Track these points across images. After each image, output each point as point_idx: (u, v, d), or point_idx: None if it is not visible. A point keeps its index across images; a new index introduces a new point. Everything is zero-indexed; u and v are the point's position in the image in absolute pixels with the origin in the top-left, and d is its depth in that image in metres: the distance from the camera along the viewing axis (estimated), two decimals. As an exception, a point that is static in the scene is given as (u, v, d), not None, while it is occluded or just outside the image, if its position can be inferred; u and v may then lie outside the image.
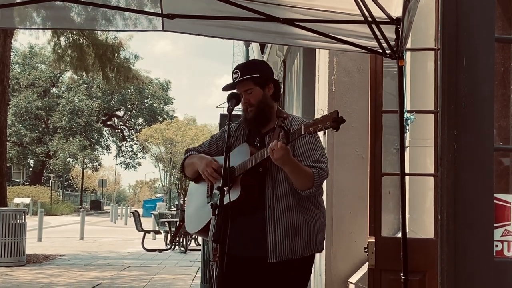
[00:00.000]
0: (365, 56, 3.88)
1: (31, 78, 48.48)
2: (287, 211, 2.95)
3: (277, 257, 2.91)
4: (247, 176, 2.94)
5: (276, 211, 2.94)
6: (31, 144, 49.32)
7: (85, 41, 15.81)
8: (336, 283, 4.40)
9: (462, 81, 2.36)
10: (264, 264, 2.92)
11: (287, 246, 2.92)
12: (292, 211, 2.96)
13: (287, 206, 2.95)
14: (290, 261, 2.93)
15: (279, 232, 2.92)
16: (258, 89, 3.07)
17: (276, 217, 2.93)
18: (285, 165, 2.85)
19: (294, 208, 2.96)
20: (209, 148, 3.29)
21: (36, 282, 8.99)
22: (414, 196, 4.19)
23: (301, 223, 2.97)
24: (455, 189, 2.34)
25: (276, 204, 2.95)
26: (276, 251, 2.91)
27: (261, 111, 3.07)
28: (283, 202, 2.95)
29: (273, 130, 3.07)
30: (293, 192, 2.96)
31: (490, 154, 2.36)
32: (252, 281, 2.98)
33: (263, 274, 2.95)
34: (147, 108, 54.58)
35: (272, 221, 2.93)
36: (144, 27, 3.42)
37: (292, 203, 2.96)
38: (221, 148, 3.21)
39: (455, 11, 2.39)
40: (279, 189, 2.96)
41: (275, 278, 2.95)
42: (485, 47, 2.38)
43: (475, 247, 2.32)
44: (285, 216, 2.94)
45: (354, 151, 4.42)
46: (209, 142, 3.34)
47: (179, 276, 9.68)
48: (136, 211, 16.39)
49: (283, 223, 2.93)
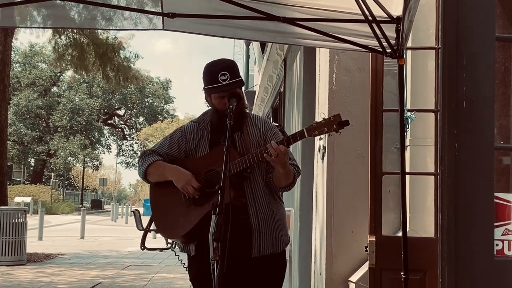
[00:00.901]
0: (366, 55, 3.88)
1: (32, 77, 48.48)
2: (267, 208, 3.04)
3: (260, 251, 2.98)
4: (235, 177, 2.94)
5: (258, 209, 3.01)
6: (31, 143, 49.34)
7: (85, 40, 15.81)
8: (336, 282, 4.40)
9: (463, 80, 2.36)
10: (249, 261, 2.97)
11: (270, 241, 3.01)
12: (271, 207, 3.06)
13: (266, 203, 3.04)
14: (273, 255, 3.02)
15: (263, 229, 3.00)
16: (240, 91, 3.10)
17: (259, 214, 3.01)
18: (284, 166, 2.92)
19: (271, 204, 3.06)
20: (170, 149, 3.17)
21: (37, 281, 9.00)
22: (415, 195, 4.19)
23: (278, 217, 3.08)
24: (455, 188, 2.34)
25: (257, 202, 3.02)
26: (260, 247, 2.99)
27: (242, 112, 3.11)
28: (263, 200, 3.03)
29: (240, 129, 3.09)
30: (268, 189, 3.06)
31: (491, 153, 2.36)
32: (238, 279, 2.98)
33: (248, 270, 2.99)
34: (148, 107, 54.60)
35: (256, 219, 3.00)
36: (145, 26, 3.42)
37: (269, 200, 3.06)
38: (184, 149, 3.14)
39: (456, 10, 2.39)
40: (256, 187, 3.03)
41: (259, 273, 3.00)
42: (486, 46, 2.38)
43: (476, 246, 2.32)
44: (266, 213, 3.03)
45: (355, 150, 4.42)
46: (169, 144, 3.19)
47: (179, 275, 9.68)
48: (137, 210, 16.21)
49: (266, 220, 3.01)
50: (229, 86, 3.03)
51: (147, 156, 3.18)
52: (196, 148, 3.12)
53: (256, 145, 3.07)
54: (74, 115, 49.30)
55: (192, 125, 3.20)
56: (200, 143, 3.12)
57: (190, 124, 3.22)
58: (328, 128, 2.75)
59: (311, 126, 2.81)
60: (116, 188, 76.52)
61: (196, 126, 3.18)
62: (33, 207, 34.45)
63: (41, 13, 3.60)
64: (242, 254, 2.95)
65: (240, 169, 2.93)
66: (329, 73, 4.50)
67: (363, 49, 3.33)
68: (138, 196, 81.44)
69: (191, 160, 3.12)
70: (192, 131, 3.16)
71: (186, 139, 3.16)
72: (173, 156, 3.16)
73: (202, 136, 3.13)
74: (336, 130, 2.74)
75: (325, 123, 2.77)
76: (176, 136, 3.20)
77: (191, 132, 3.16)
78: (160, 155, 3.17)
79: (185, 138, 3.16)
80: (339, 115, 2.76)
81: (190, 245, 3.13)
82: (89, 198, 62.88)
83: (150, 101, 54.69)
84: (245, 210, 2.99)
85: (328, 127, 2.75)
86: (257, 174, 3.04)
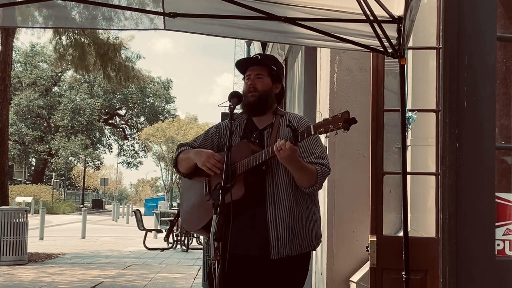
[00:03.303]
0: (367, 54, 3.88)
1: (33, 77, 48.52)
2: (288, 208, 2.95)
3: (279, 253, 2.92)
4: (249, 174, 2.94)
5: (277, 209, 2.94)
6: (32, 143, 49.36)
7: (86, 40, 15.84)
8: (337, 282, 4.40)
9: (464, 79, 2.36)
10: (267, 262, 2.93)
11: (287, 242, 2.93)
12: (293, 208, 2.96)
13: (288, 203, 2.96)
14: (289, 258, 2.94)
15: (281, 229, 2.93)
16: (268, 80, 3.09)
17: (278, 214, 2.94)
18: (291, 164, 2.86)
19: (294, 205, 2.97)
20: (204, 143, 3.23)
21: (38, 280, 9.00)
22: (416, 195, 4.19)
23: (301, 219, 2.98)
24: (456, 188, 2.34)
25: (277, 202, 2.95)
26: (278, 247, 2.92)
27: (262, 100, 3.06)
28: (284, 199, 2.96)
29: (271, 126, 3.07)
30: (293, 189, 2.97)
31: (492, 153, 2.36)
32: (254, 279, 2.97)
33: (265, 271, 2.95)
34: (149, 107, 54.61)
35: (274, 218, 2.93)
36: (146, 26, 3.42)
37: (292, 200, 2.97)
38: (217, 144, 3.19)
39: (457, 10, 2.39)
40: (279, 186, 2.97)
41: (275, 275, 2.95)
42: (487, 45, 2.38)
43: (477, 246, 2.32)
44: (286, 213, 2.95)
45: (356, 150, 4.42)
46: (203, 137, 3.26)
47: (180, 275, 9.68)
48: (138, 210, 16.41)
49: (284, 220, 2.94)
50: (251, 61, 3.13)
51: (179, 147, 3.29)
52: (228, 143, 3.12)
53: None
54: (75, 115, 49.33)
55: (228, 122, 3.22)
56: (231, 139, 3.12)
57: (227, 121, 3.23)
58: (334, 125, 2.65)
59: (319, 123, 2.76)
60: (117, 188, 76.55)
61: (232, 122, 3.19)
62: (34, 207, 34.47)
63: (42, 13, 3.60)
64: (259, 253, 2.92)
65: (254, 165, 2.91)
66: (330, 73, 4.50)
67: (364, 49, 3.33)
68: (139, 196, 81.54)
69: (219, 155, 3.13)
70: (226, 127, 3.15)
71: (220, 134, 3.21)
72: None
73: (236, 131, 3.16)
74: (343, 127, 2.63)
75: (332, 120, 2.68)
76: (211, 131, 3.27)
77: (226, 127, 3.17)
78: (193, 147, 3.23)
79: (219, 133, 3.22)
80: (347, 112, 2.66)
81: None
82: (90, 198, 62.86)
83: (151, 101, 54.71)
84: (263, 208, 2.95)
85: (334, 124, 2.65)
86: (282, 174, 2.97)
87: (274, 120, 3.09)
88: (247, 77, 3.10)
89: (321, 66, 5.01)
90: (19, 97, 47.37)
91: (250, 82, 3.06)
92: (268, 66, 3.11)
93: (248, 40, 16.39)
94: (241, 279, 2.96)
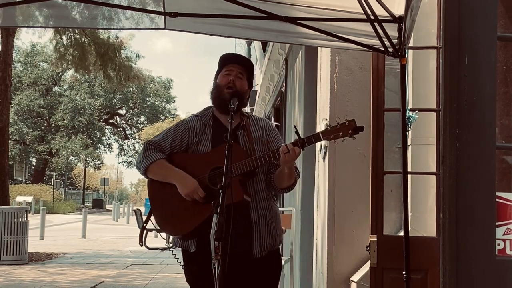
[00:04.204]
0: (367, 54, 3.88)
1: (33, 76, 48.54)
2: (267, 206, 3.09)
3: (261, 252, 3.03)
4: (243, 176, 2.97)
5: (259, 209, 3.05)
6: (33, 142, 49.38)
7: (86, 40, 15.85)
8: (338, 281, 4.40)
9: (464, 79, 2.36)
10: (248, 261, 3.00)
11: (270, 240, 3.06)
12: (270, 206, 3.11)
13: (266, 202, 3.09)
14: (267, 255, 3.05)
15: (263, 228, 3.04)
16: (245, 83, 3.18)
17: (260, 213, 3.05)
18: (290, 167, 2.97)
19: (270, 203, 3.11)
20: (173, 142, 3.14)
21: (38, 280, 9.01)
22: (416, 194, 4.18)
23: (276, 216, 3.15)
24: (457, 187, 2.34)
25: (258, 201, 3.06)
26: (261, 246, 3.03)
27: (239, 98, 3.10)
28: (263, 199, 3.08)
29: (243, 128, 3.13)
30: (267, 189, 3.11)
31: (492, 153, 2.36)
32: (236, 278, 2.98)
33: (246, 270, 3.00)
34: (149, 107, 54.65)
35: (257, 217, 3.04)
36: (147, 25, 3.42)
37: (268, 199, 3.11)
38: (186, 142, 3.13)
39: (457, 9, 2.39)
40: (258, 186, 3.07)
41: (256, 273, 3.04)
42: (487, 45, 2.38)
43: (477, 245, 2.32)
44: (266, 212, 3.07)
45: (356, 150, 4.41)
46: (172, 136, 3.16)
47: (181, 275, 9.67)
48: (138, 210, 16.37)
49: (265, 220, 3.06)
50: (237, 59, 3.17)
51: (150, 151, 3.13)
52: (198, 142, 3.11)
53: (260, 144, 3.11)
54: (75, 115, 49.36)
55: (194, 119, 3.21)
56: (202, 138, 3.12)
57: (192, 118, 3.22)
58: (344, 133, 2.83)
59: (326, 129, 2.89)
60: (117, 187, 76.58)
61: (198, 120, 3.19)
62: (35, 207, 34.47)
63: (42, 12, 3.60)
64: (242, 252, 2.96)
65: (251, 168, 2.95)
66: (331, 72, 4.49)
67: (365, 49, 3.33)
68: (139, 195, 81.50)
69: (194, 156, 3.11)
70: (195, 125, 3.16)
71: (189, 133, 3.16)
72: (175, 149, 3.15)
73: (205, 130, 3.14)
74: (351, 135, 2.82)
75: (340, 128, 2.84)
76: (180, 129, 3.18)
77: (194, 125, 3.16)
78: (163, 149, 3.14)
79: (188, 131, 3.16)
80: (354, 120, 2.84)
81: (189, 241, 3.11)
82: (90, 197, 62.89)
83: (151, 101, 54.75)
84: (247, 208, 3.02)
85: (344, 132, 2.83)
86: (260, 174, 3.08)
87: (244, 121, 3.15)
88: (227, 72, 3.13)
89: (321, 66, 5.00)
90: (19, 96, 47.38)
91: (232, 78, 3.10)
92: (249, 70, 3.21)
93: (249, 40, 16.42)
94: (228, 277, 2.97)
